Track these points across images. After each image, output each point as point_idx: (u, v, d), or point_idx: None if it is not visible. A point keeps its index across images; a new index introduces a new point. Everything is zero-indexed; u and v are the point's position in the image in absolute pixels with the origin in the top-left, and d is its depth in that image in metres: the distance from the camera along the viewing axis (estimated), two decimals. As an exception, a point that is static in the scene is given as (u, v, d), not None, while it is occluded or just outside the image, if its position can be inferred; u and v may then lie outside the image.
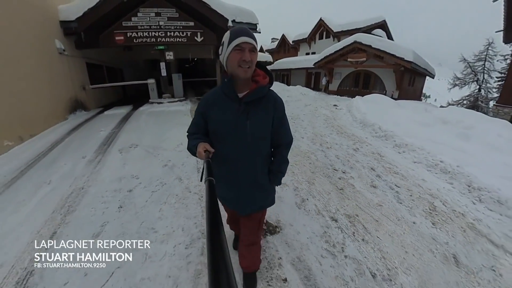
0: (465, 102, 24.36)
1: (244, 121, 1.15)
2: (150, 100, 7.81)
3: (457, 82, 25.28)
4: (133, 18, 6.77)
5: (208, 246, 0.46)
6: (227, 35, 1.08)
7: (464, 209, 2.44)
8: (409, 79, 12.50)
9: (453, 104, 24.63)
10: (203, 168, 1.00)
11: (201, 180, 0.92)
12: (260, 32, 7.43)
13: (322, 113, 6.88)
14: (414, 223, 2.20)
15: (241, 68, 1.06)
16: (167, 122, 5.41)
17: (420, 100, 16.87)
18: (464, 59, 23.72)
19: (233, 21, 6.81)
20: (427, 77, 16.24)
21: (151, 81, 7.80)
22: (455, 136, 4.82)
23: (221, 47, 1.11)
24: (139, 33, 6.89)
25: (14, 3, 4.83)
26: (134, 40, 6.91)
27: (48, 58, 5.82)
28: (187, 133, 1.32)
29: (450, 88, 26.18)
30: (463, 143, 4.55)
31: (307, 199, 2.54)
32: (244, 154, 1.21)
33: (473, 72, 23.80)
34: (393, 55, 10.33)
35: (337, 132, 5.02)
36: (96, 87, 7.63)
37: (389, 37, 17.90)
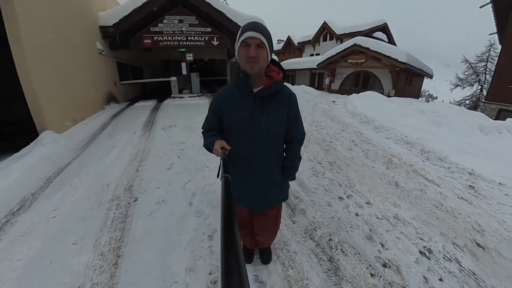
0: (467, 102, 25.15)
1: (259, 117, 1.16)
2: (172, 95, 9.08)
3: (459, 83, 26.12)
4: (159, 24, 8.07)
5: (222, 242, 0.48)
6: (239, 32, 1.10)
7: (412, 162, 3.59)
8: (405, 79, 13.57)
9: (454, 104, 25.39)
10: (220, 164, 1.04)
11: (218, 177, 0.94)
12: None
13: (321, 107, 8.03)
14: (373, 167, 3.36)
15: (248, 63, 1.07)
16: (192, 111, 6.65)
17: (418, 98, 17.81)
18: (466, 60, 24.58)
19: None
20: (434, 79, 17.27)
21: (173, 78, 9.08)
22: (429, 123, 5.94)
23: (235, 43, 1.13)
24: (164, 37, 8.19)
25: (71, 15, 6.13)
26: (160, 43, 8.20)
27: (92, 57, 7.12)
28: (201, 130, 1.35)
29: (452, 89, 27.04)
30: (434, 128, 5.67)
31: (302, 154, 3.72)
32: (259, 150, 1.22)
33: (475, 73, 24.60)
34: (388, 56, 11.47)
35: (330, 119, 6.18)
36: (125, 83, 8.95)
37: (390, 39, 18.96)
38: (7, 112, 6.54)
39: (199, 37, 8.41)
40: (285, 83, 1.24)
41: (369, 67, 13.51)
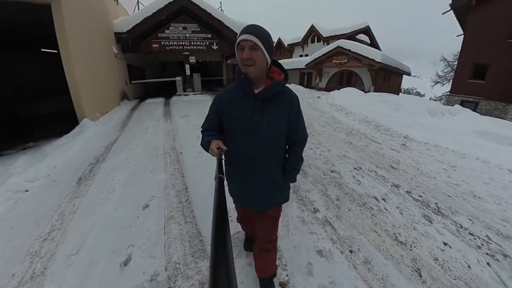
0: (444, 97, 27.45)
1: (260, 117, 1.16)
2: (177, 93, 10.41)
3: (438, 80, 28.44)
4: (166, 31, 9.41)
5: (212, 243, 0.47)
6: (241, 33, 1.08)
7: (366, 132, 5.13)
8: (383, 77, 15.34)
9: (435, 100, 27.71)
10: (216, 165, 1.05)
11: (215, 178, 0.92)
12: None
13: (307, 101, 9.57)
14: (337, 135, 4.88)
15: (244, 66, 1.09)
16: (200, 105, 8.05)
17: (398, 94, 19.74)
18: (444, 58, 26.89)
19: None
20: (422, 77, 19.22)
21: (178, 78, 10.42)
22: (390, 109, 7.54)
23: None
24: (170, 42, 9.53)
25: (97, 25, 7.43)
26: (166, 47, 9.54)
27: (110, 60, 8.40)
28: (201, 129, 1.36)
29: (433, 86, 29.34)
30: (393, 112, 7.27)
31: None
32: (259, 151, 1.22)
33: (452, 70, 26.93)
34: (366, 57, 13.18)
35: (313, 109, 7.71)
36: (134, 82, 10.22)
37: (373, 40, 20.89)
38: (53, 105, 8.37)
39: (201, 42, 9.83)
40: (286, 84, 1.25)
41: (351, 67, 15.23)
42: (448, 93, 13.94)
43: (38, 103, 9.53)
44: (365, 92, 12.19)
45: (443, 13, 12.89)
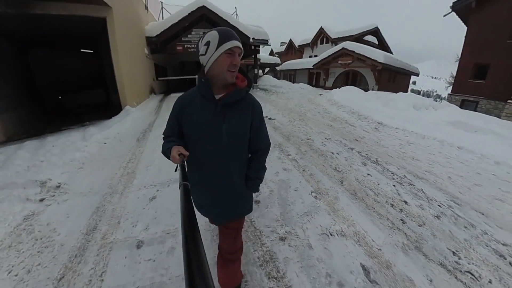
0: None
1: (220, 124, 1.15)
2: (196, 88, 12.05)
3: (452, 81, 28.56)
4: (188, 35, 11.04)
5: (184, 252, 0.47)
6: (214, 36, 1.07)
7: (347, 119, 6.41)
8: (388, 76, 16.25)
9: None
10: (177, 171, 1.05)
11: (179, 187, 0.89)
12: (270, 45, 11.43)
13: (308, 97, 10.85)
14: (323, 121, 6.20)
15: (230, 72, 1.09)
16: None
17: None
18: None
19: (253, 38, 11.01)
20: (443, 79, 19.95)
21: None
22: (380, 104, 8.69)
23: (205, 47, 1.09)
24: (191, 45, 11.13)
25: (135, 30, 9.14)
26: (188, 50, 11.16)
27: (143, 60, 10.12)
28: (162, 135, 1.34)
29: (447, 87, 29.45)
30: (382, 107, 8.43)
31: (285, 116, 6.59)
32: (219, 158, 1.20)
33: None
34: (369, 58, 14.23)
35: (311, 103, 9.02)
36: (160, 79, 11.94)
37: (381, 41, 21.67)
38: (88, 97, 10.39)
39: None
40: (249, 92, 1.24)
41: (356, 67, 16.29)
42: (449, 93, 14.66)
43: (77, 95, 11.47)
44: (366, 91, 13.29)
45: (445, 15, 13.66)
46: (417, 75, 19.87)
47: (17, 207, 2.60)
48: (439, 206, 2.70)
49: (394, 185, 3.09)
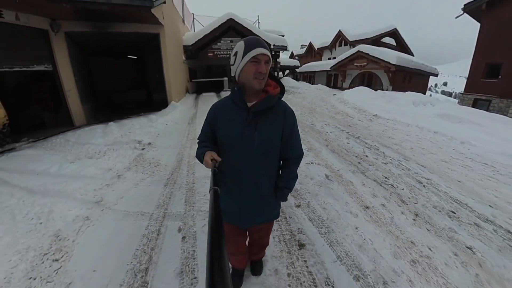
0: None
1: (252, 132, 1.17)
2: (224, 89, 14.05)
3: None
4: (218, 43, 13.08)
5: (208, 256, 0.48)
6: (241, 45, 1.12)
7: (349, 113, 7.87)
8: (403, 77, 17.07)
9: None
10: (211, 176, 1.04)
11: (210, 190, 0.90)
12: (288, 50, 13.08)
13: (321, 96, 12.32)
14: (328, 114, 7.75)
15: (257, 80, 1.11)
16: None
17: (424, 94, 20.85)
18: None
19: (274, 45, 12.81)
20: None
21: (225, 78, 14.06)
22: (384, 102, 9.95)
23: (233, 57, 1.16)
24: (220, 52, 13.16)
25: (177, 40, 11.30)
26: (218, 56, 13.21)
27: (181, 65, 12.29)
28: (197, 140, 1.40)
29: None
30: (385, 104, 9.69)
31: (298, 110, 8.21)
32: (249, 165, 1.24)
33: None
34: (382, 60, 15.30)
35: (322, 101, 10.52)
36: (194, 81, 14.13)
37: (400, 42, 22.32)
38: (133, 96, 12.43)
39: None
40: (282, 99, 1.26)
41: (371, 69, 17.35)
42: (462, 92, 15.16)
43: (124, 94, 13.88)
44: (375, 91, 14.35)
45: (456, 17, 14.25)
46: (436, 75, 20.29)
47: (130, 152, 4.54)
48: (390, 159, 4.20)
49: (363, 148, 4.64)
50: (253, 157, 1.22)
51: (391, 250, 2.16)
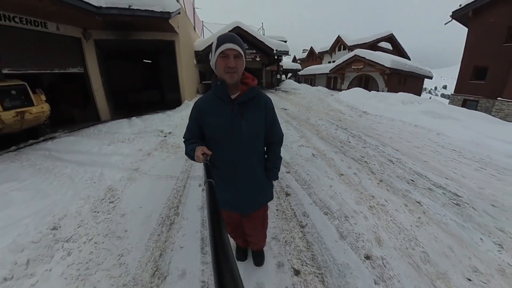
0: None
1: (239, 121, 1.20)
2: (229, 89, 14.82)
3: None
4: (226, 48, 13.88)
5: (211, 246, 0.48)
6: (214, 43, 1.13)
7: (342, 110, 8.51)
8: (397, 80, 17.52)
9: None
10: (203, 171, 1.06)
11: (204, 183, 0.91)
12: (289, 55, 13.82)
13: (319, 97, 12.95)
14: (324, 111, 8.39)
15: (227, 74, 1.12)
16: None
17: (419, 95, 21.25)
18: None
19: (276, 50, 13.55)
20: None
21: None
22: (376, 101, 10.51)
23: (210, 54, 1.19)
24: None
25: (190, 46, 12.10)
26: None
27: (193, 68, 13.08)
28: (183, 139, 1.39)
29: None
30: (377, 103, 10.26)
31: (296, 108, 8.87)
32: (242, 153, 1.27)
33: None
34: (377, 63, 15.82)
35: (319, 101, 11.15)
36: (203, 82, 14.94)
37: (397, 46, 22.73)
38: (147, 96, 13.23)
39: (248, 56, 14.01)
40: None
41: (367, 71, 17.87)
42: (452, 93, 15.56)
43: (139, 94, 14.71)
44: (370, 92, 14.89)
45: (446, 23, 14.69)
46: (430, 78, 20.66)
47: (154, 138, 5.29)
48: (369, 145, 4.84)
49: (347, 137, 5.29)
50: (244, 145, 1.26)
51: (354, 199, 2.82)
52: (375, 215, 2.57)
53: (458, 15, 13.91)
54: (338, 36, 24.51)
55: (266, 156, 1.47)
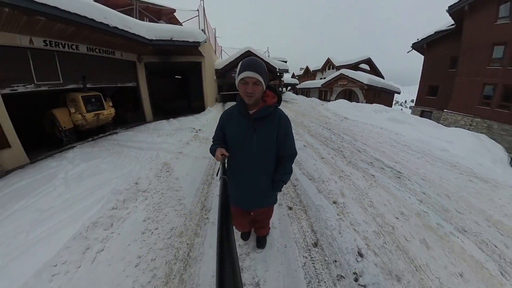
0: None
1: (251, 135, 1.15)
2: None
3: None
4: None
5: (218, 233, 0.46)
6: (238, 66, 1.10)
7: (327, 115, 9.01)
8: (373, 94, 17.82)
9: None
10: (219, 168, 1.10)
11: (216, 175, 0.93)
12: (289, 72, 14.36)
13: (312, 106, 13.37)
14: (314, 116, 8.91)
15: (246, 96, 1.10)
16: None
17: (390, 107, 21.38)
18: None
19: (279, 68, 14.10)
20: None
21: (242, 91, 15.43)
22: (355, 110, 10.94)
23: (231, 72, 2.71)
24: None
25: (212, 64, 12.78)
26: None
27: (213, 82, 13.76)
28: (212, 139, 1.38)
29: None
30: (356, 111, 10.69)
31: (293, 113, 9.42)
32: (249, 162, 1.22)
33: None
34: (357, 80, 16.20)
35: (312, 108, 11.63)
36: (221, 93, 15.60)
37: (373, 67, 22.97)
38: (178, 104, 13.89)
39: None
40: (281, 107, 1.23)
41: (350, 87, 18.23)
42: (413, 106, 15.85)
43: (172, 102, 15.43)
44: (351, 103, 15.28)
45: (408, 52, 15.10)
46: (399, 93, 20.80)
47: (189, 133, 5.93)
48: (345, 140, 5.35)
49: (330, 134, 5.82)
50: (253, 155, 1.21)
51: (329, 172, 3.39)
52: (342, 181, 3.13)
53: (417, 46, 14.40)
54: (328, 58, 24.91)
55: (277, 168, 1.33)
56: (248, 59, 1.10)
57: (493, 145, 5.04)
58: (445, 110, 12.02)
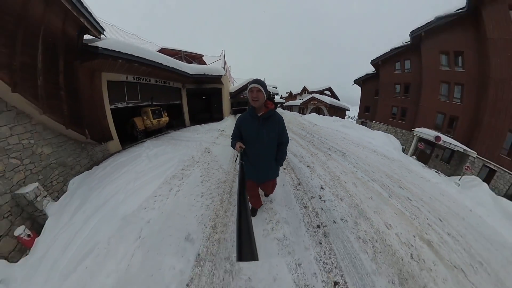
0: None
1: (262, 130, 1.22)
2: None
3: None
4: (245, 92, 15.07)
5: (237, 205, 0.46)
6: (248, 83, 1.22)
7: (305, 122, 9.63)
8: (334, 111, 18.47)
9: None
10: (237, 156, 1.21)
11: (235, 161, 1.20)
12: (278, 95, 14.92)
13: (294, 117, 13.93)
14: (296, 123, 9.51)
15: (253, 101, 1.19)
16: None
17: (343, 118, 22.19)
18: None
19: (272, 92, 14.65)
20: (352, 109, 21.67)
21: (247, 107, 15.95)
22: (322, 120, 11.58)
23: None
24: (246, 95, 15.14)
25: (226, 90, 13.34)
26: (244, 97, 15.15)
27: (227, 101, 14.25)
28: (231, 137, 1.42)
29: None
30: (322, 121, 11.29)
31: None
32: (263, 150, 1.29)
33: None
34: (323, 101, 16.88)
35: (294, 119, 12.18)
36: (234, 108, 16.13)
37: (332, 93, 23.64)
38: (205, 115, 14.32)
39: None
40: (276, 110, 1.29)
41: (319, 105, 18.92)
42: (357, 118, 16.71)
43: (201, 114, 15.86)
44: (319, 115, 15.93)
45: (352, 85, 15.96)
46: (348, 110, 21.45)
47: (217, 133, 6.48)
48: (315, 137, 5.98)
49: (306, 134, 6.46)
50: (264, 145, 1.26)
51: (306, 154, 4.03)
52: (313, 157, 3.77)
53: (356, 82, 15.40)
54: (304, 86, 25.73)
55: (277, 151, 1.42)
56: (254, 79, 1.26)
57: (395, 140, 5.86)
58: (374, 120, 13.02)
